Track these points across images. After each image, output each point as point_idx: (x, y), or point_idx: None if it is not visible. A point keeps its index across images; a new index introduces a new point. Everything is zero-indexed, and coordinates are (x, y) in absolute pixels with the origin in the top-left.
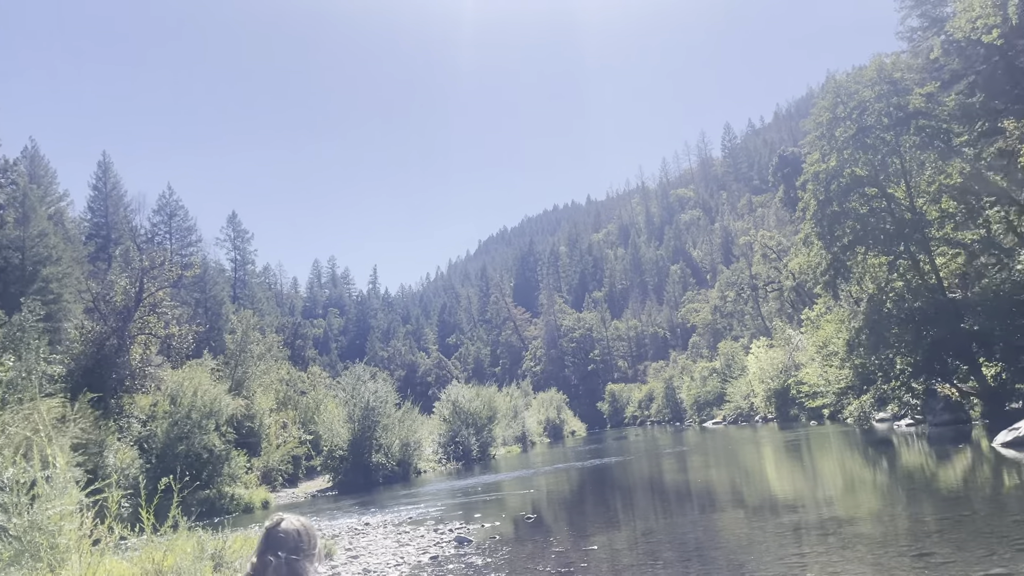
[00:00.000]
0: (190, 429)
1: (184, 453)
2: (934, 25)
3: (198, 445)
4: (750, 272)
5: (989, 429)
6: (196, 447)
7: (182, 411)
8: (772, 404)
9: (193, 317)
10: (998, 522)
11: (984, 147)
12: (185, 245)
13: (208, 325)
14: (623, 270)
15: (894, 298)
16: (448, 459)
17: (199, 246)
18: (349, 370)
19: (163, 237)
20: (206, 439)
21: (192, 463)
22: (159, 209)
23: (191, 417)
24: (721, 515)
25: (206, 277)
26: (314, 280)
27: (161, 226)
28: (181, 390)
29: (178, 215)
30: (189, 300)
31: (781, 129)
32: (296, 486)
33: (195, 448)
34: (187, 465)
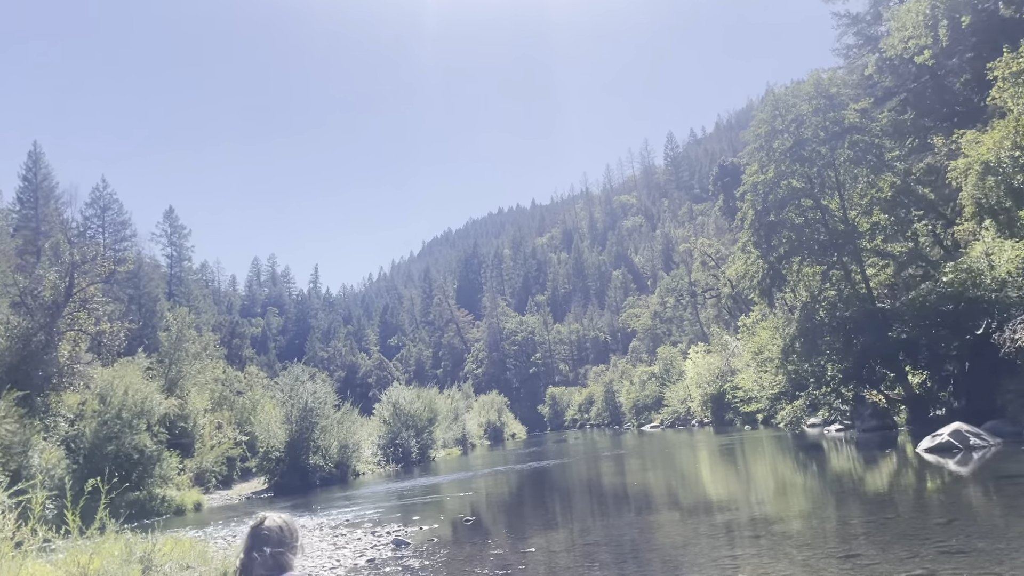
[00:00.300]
0: (120, 429)
1: (113, 453)
2: (869, 43)
3: (128, 445)
4: (689, 279)
5: (913, 435)
6: (126, 447)
7: (112, 410)
8: (708, 408)
9: (126, 314)
10: (921, 525)
11: (914, 163)
12: (119, 240)
13: (142, 322)
14: (566, 274)
15: (826, 307)
16: (387, 461)
17: (134, 241)
18: (287, 370)
19: (96, 231)
20: (137, 439)
21: (122, 464)
22: (92, 202)
23: (121, 416)
24: (657, 517)
25: (140, 273)
26: (253, 278)
27: (94, 219)
28: (111, 389)
29: (112, 208)
30: (122, 296)
31: (722, 139)
32: (230, 488)
33: (125, 448)
34: (116, 466)
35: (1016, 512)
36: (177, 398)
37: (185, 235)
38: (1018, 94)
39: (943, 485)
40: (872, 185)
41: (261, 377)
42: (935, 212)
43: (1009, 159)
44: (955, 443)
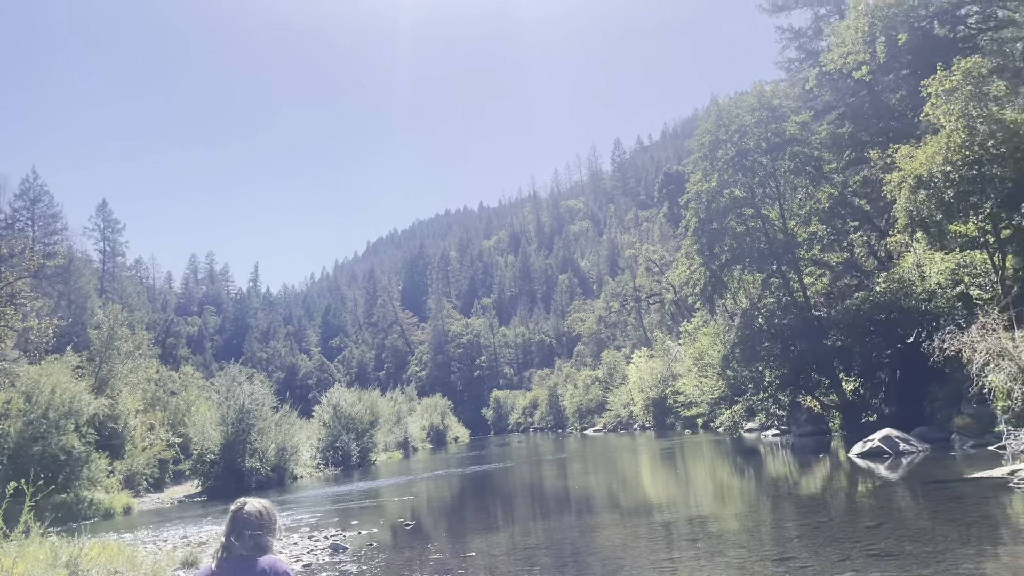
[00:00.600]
0: (47, 429)
1: (39, 455)
2: (810, 57)
3: (55, 446)
4: (634, 284)
5: (846, 440)
6: (53, 448)
7: (38, 410)
8: (650, 413)
9: (55, 310)
10: (852, 528)
11: (851, 175)
12: (49, 233)
13: (71, 319)
14: (512, 277)
15: (765, 314)
16: (327, 464)
17: (65, 235)
18: (224, 371)
19: (25, 223)
20: (64, 440)
21: (48, 465)
22: (22, 194)
23: (48, 416)
24: (597, 520)
25: (71, 268)
26: (190, 276)
27: (23, 212)
28: (38, 387)
29: (43, 201)
30: (51, 292)
31: (668, 147)
32: (162, 491)
33: (52, 449)
34: (42, 467)
35: (942, 516)
36: (108, 398)
37: (119, 230)
38: (950, 111)
39: (873, 489)
40: (811, 196)
41: (197, 377)
42: (870, 224)
43: (940, 174)
44: (885, 448)
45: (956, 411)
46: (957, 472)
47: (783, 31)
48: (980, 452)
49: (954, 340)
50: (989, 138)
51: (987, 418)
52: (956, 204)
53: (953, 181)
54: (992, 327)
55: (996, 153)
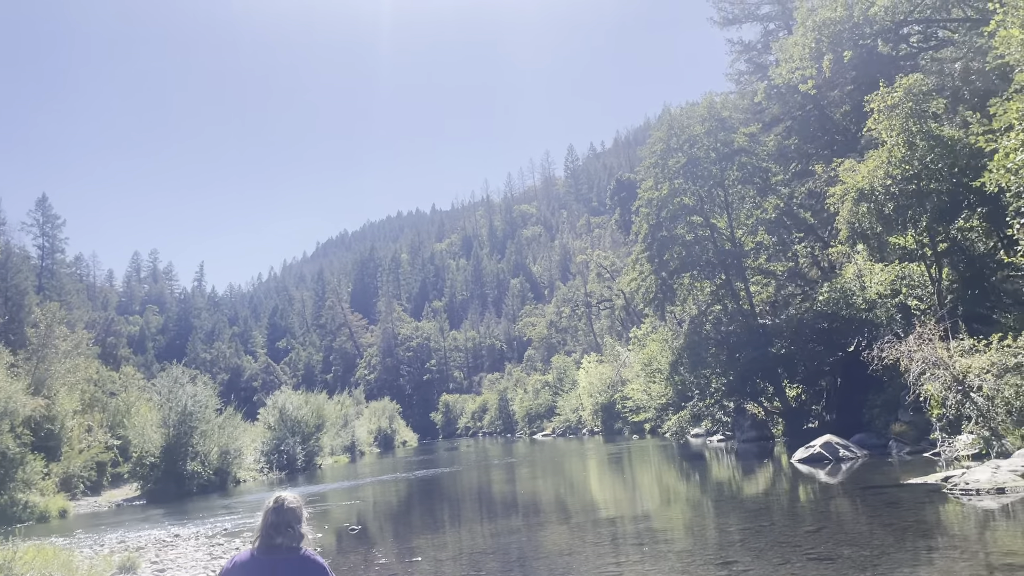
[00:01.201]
0: None
1: None
2: (759, 70)
3: None
4: (585, 290)
5: (789, 446)
6: None
7: None
8: (599, 418)
9: None
10: (792, 532)
11: (797, 187)
12: None
13: (7, 317)
14: (464, 281)
15: (713, 321)
16: (271, 468)
17: (2, 230)
18: (166, 371)
19: None
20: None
21: None
22: None
23: None
24: (544, 525)
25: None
26: (132, 274)
27: None
28: None
29: None
30: None
31: (620, 155)
32: (99, 494)
33: None
34: None
35: (879, 521)
36: (44, 398)
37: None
38: (891, 126)
39: (814, 494)
40: (758, 206)
41: (138, 378)
42: (814, 235)
43: (881, 187)
44: (826, 454)
45: (894, 418)
46: (894, 478)
47: (733, 44)
48: (916, 458)
49: (892, 349)
50: (928, 153)
51: (923, 425)
52: (896, 217)
53: (893, 195)
54: (928, 337)
55: (934, 168)
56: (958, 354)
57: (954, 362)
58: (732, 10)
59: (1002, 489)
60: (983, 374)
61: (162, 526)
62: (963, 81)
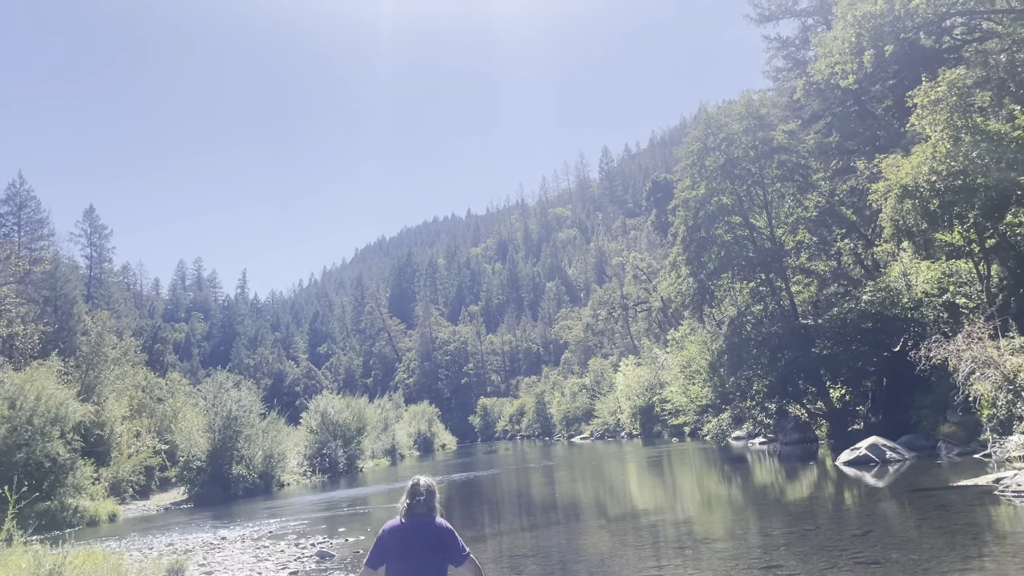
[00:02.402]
0: (31, 436)
1: (23, 461)
2: (797, 67)
3: (40, 453)
4: (621, 292)
5: (833, 448)
6: (37, 455)
7: (23, 416)
8: (637, 421)
9: (40, 316)
10: (838, 536)
11: (838, 184)
12: (35, 239)
13: (57, 325)
14: (500, 285)
15: (753, 322)
16: (314, 471)
17: (51, 240)
18: (211, 377)
19: (11, 229)
20: (49, 447)
21: (32, 472)
22: (7, 199)
23: (33, 423)
24: (584, 528)
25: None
26: (177, 282)
27: (9, 217)
28: (23, 393)
29: (29, 206)
30: (37, 298)
31: (655, 155)
32: (148, 498)
33: (36, 456)
34: (26, 474)
35: (928, 524)
36: (94, 404)
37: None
38: (935, 121)
39: (860, 497)
40: (798, 204)
41: (184, 384)
42: (857, 232)
43: (926, 184)
44: (872, 457)
45: (942, 419)
46: (943, 480)
47: (770, 40)
48: (966, 460)
49: (940, 349)
50: (974, 148)
51: (973, 426)
52: (941, 213)
53: (938, 191)
54: (977, 336)
55: (980, 163)
56: (1008, 353)
57: (1004, 361)
58: (769, 6)
59: None
60: None
61: (209, 529)
62: (1009, 73)
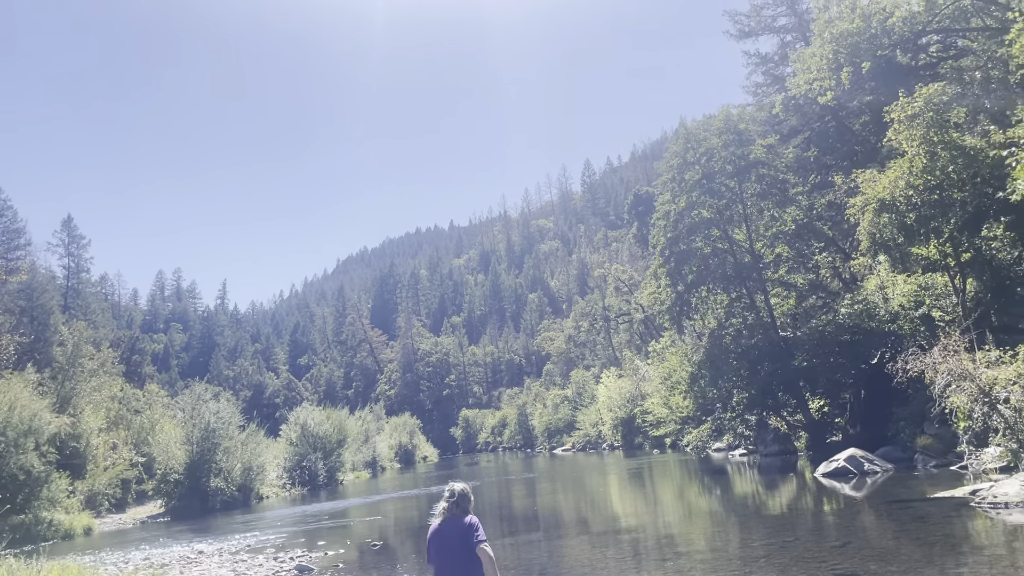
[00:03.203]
0: (5, 448)
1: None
2: (776, 82)
3: (13, 466)
4: (603, 304)
5: (812, 460)
6: (11, 468)
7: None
8: (619, 432)
9: (16, 327)
10: (818, 548)
11: (816, 198)
12: (12, 249)
13: (34, 336)
14: (482, 296)
15: (733, 334)
16: (293, 484)
17: (28, 250)
18: (190, 389)
19: None
20: (23, 459)
21: (6, 485)
22: None
23: (6, 435)
24: (566, 540)
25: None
26: (156, 292)
27: None
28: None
29: (5, 216)
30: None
31: (637, 168)
32: (124, 512)
33: (9, 469)
34: (0, 487)
35: (906, 536)
36: (70, 416)
37: (84, 245)
38: (912, 136)
39: (839, 509)
40: (777, 218)
41: (162, 396)
42: (835, 246)
43: (903, 198)
44: (850, 468)
45: (919, 431)
46: (920, 492)
47: (750, 56)
48: (943, 472)
49: (917, 361)
50: (950, 163)
51: (949, 438)
52: (918, 227)
53: (915, 205)
54: (953, 348)
55: (956, 178)
56: (984, 365)
57: (980, 374)
58: (748, 23)
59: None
60: (1010, 386)
61: (186, 543)
62: (983, 90)
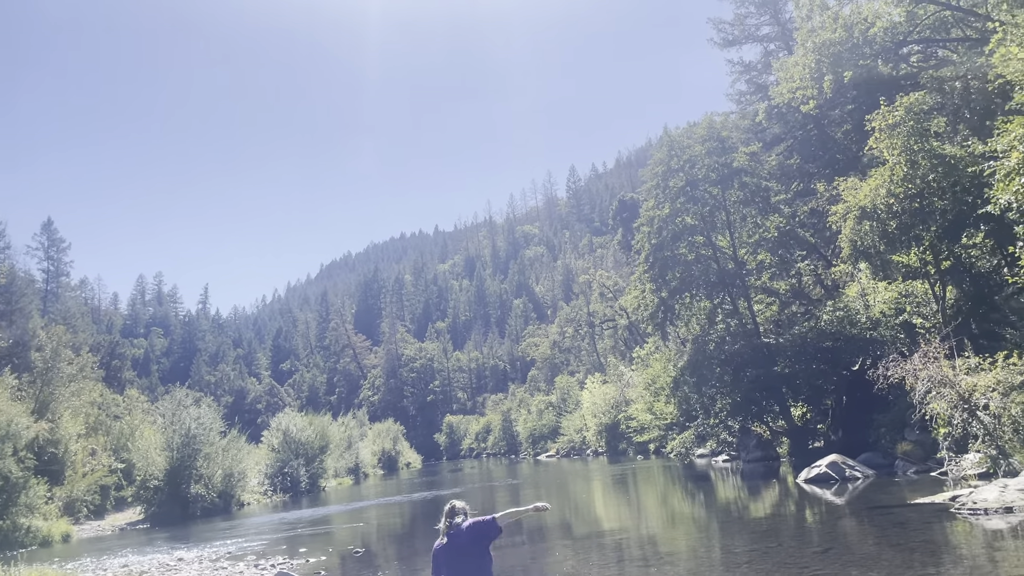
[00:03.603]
0: None
1: None
2: (760, 90)
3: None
4: (588, 310)
5: (794, 466)
6: None
7: None
8: (603, 438)
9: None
10: (799, 553)
11: (798, 206)
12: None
13: (12, 340)
14: (467, 302)
15: (716, 340)
16: (275, 491)
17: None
18: (170, 394)
19: None
20: (1, 465)
21: None
22: None
23: None
24: (550, 547)
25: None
26: (137, 297)
27: None
28: None
29: None
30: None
31: (622, 175)
32: (103, 518)
33: None
34: None
35: (887, 541)
36: (48, 421)
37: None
38: (893, 145)
39: (821, 515)
40: (759, 225)
41: (142, 401)
42: (817, 253)
43: (884, 206)
44: (832, 474)
45: (900, 437)
46: (901, 498)
47: (734, 65)
48: (923, 478)
49: (897, 368)
50: (930, 172)
51: (930, 444)
52: (898, 235)
53: (896, 213)
54: (934, 355)
55: (937, 186)
56: (964, 372)
57: (960, 380)
58: (732, 31)
59: (1010, 508)
60: (989, 392)
61: (165, 550)
62: (963, 100)
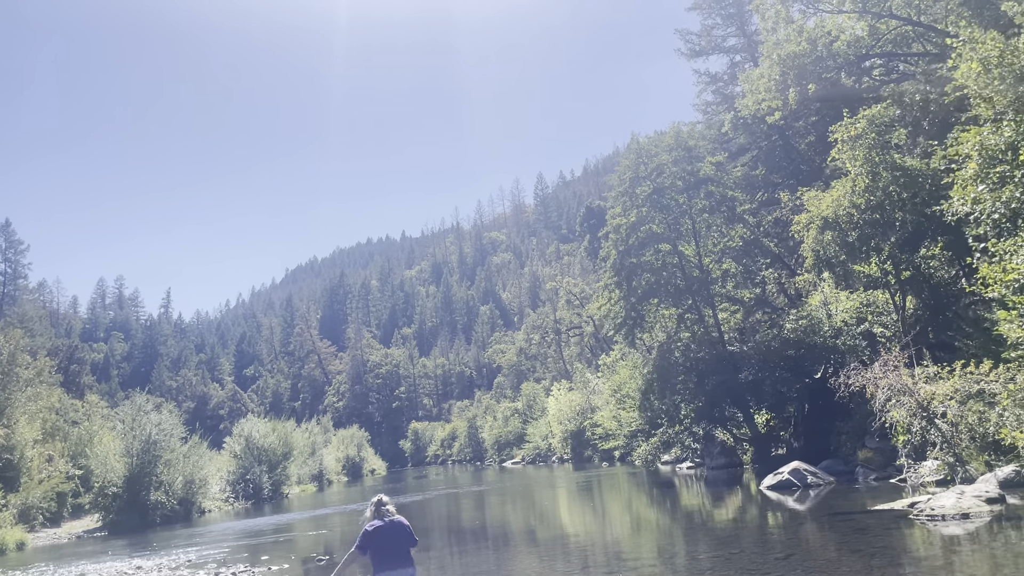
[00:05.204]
0: None
1: None
2: (726, 101)
3: None
4: (555, 317)
5: (757, 473)
6: None
7: None
8: (568, 445)
9: None
10: (762, 560)
11: (763, 216)
12: None
13: None
14: (434, 308)
15: (681, 348)
16: (237, 498)
17: None
18: (130, 399)
19: None
20: None
21: None
22: None
23: None
24: (514, 553)
25: None
26: (97, 300)
27: None
28: None
29: None
30: None
31: (589, 182)
32: (59, 526)
33: None
34: None
35: (847, 547)
36: (3, 427)
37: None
38: (855, 156)
39: (783, 521)
40: (725, 234)
41: (101, 406)
42: (780, 262)
43: (845, 216)
44: (794, 481)
45: (860, 445)
46: (861, 504)
47: (701, 75)
48: (883, 485)
49: (858, 376)
50: (891, 183)
51: (889, 452)
52: (860, 245)
53: (857, 223)
54: (894, 364)
55: (897, 198)
56: (923, 381)
57: (919, 389)
58: (699, 42)
59: (967, 515)
60: (947, 401)
61: (124, 558)
62: (923, 112)
